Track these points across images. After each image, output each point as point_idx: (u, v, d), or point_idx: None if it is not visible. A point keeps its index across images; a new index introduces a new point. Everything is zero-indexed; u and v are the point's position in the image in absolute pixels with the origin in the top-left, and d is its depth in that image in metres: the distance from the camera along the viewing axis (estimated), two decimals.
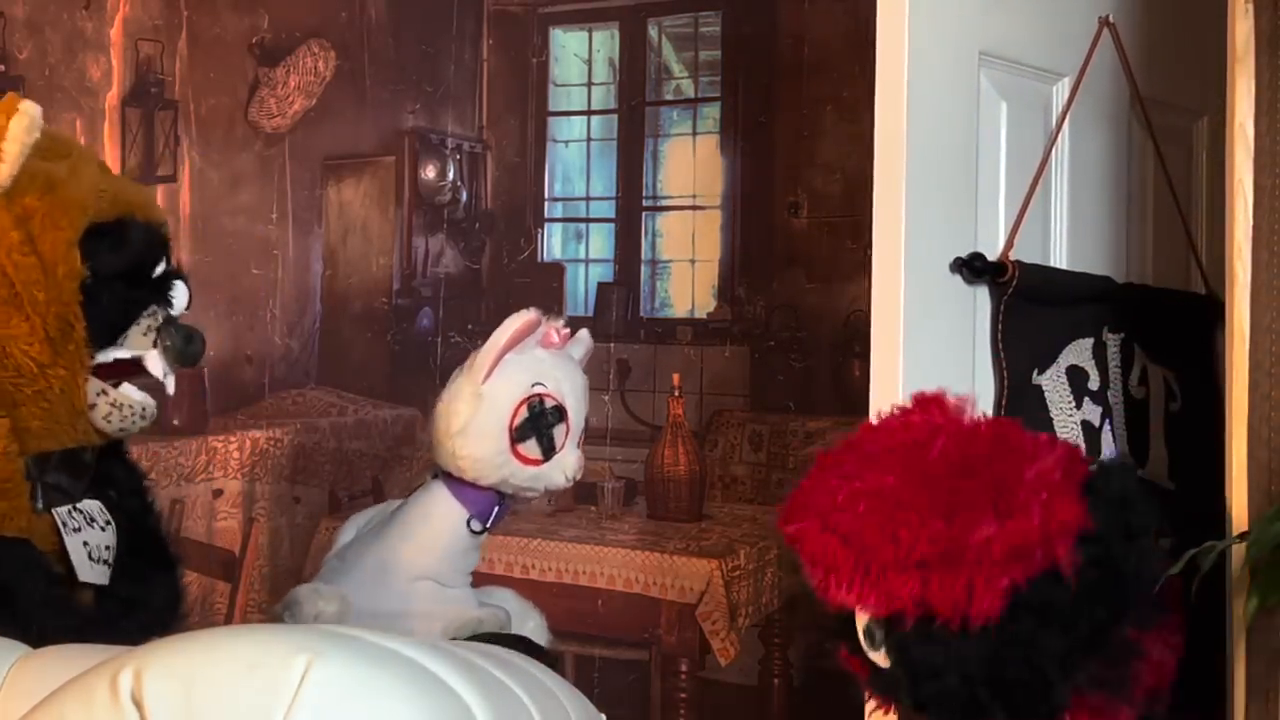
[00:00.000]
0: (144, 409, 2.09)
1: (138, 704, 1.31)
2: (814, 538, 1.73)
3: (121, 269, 2.04)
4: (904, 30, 2.13)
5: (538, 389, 2.23)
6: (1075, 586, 1.66)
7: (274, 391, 3.99)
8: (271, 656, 1.32)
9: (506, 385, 2.22)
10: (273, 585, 3.89)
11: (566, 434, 2.26)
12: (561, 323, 2.33)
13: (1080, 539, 1.67)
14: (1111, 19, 2.44)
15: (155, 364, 2.08)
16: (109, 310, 2.03)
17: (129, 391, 2.08)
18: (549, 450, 2.25)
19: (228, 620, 3.87)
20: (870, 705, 1.90)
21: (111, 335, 2.05)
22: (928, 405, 1.81)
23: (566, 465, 2.27)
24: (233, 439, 3.99)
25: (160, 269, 2.12)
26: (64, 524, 2.05)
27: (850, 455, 1.80)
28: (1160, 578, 1.70)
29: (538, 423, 2.23)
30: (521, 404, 2.22)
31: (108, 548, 2.12)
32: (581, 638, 3.39)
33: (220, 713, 1.30)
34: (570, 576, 3.45)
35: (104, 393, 2.05)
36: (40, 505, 2.03)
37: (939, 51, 2.19)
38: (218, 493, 3.99)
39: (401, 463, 3.80)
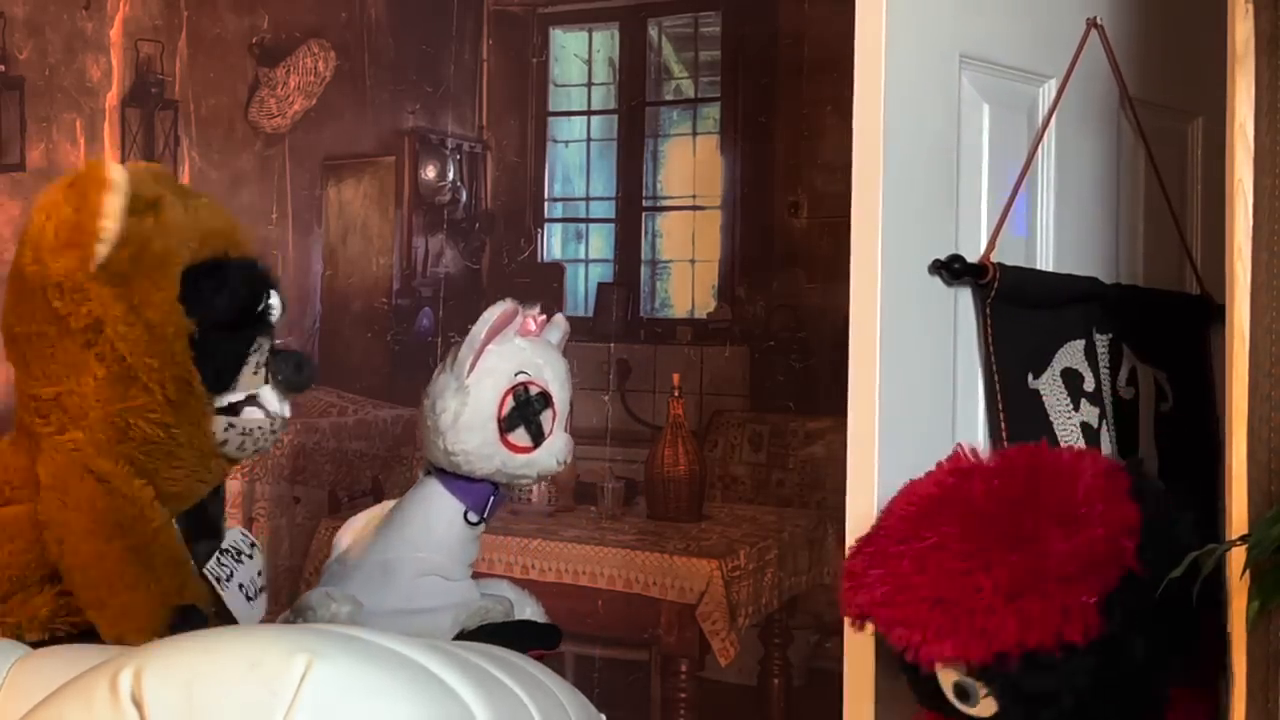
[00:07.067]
0: (272, 422, 2.06)
1: (138, 704, 1.31)
2: (898, 606, 1.72)
3: (227, 316, 1.99)
4: (881, 32, 2.13)
5: (521, 377, 2.26)
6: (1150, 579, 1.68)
7: None
8: (271, 656, 1.32)
9: (491, 377, 2.25)
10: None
11: (554, 419, 2.29)
12: (537, 310, 2.35)
13: (1143, 537, 1.71)
14: (1100, 20, 2.44)
15: (270, 399, 2.05)
16: (219, 358, 1.98)
17: (252, 414, 2.04)
18: (538, 436, 2.28)
19: None
20: None
21: (226, 381, 2.00)
22: (952, 460, 1.83)
23: (557, 450, 2.29)
24: None
25: (262, 304, 2.07)
26: (217, 579, 2.05)
27: (894, 522, 1.80)
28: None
29: (525, 410, 2.26)
30: (507, 394, 2.25)
31: (260, 573, 2.14)
32: (581, 638, 3.39)
33: (220, 712, 1.30)
34: (570, 577, 3.44)
35: (230, 426, 2.01)
36: (196, 570, 2.01)
37: (918, 53, 2.18)
38: None
39: (401, 463, 3.80)
